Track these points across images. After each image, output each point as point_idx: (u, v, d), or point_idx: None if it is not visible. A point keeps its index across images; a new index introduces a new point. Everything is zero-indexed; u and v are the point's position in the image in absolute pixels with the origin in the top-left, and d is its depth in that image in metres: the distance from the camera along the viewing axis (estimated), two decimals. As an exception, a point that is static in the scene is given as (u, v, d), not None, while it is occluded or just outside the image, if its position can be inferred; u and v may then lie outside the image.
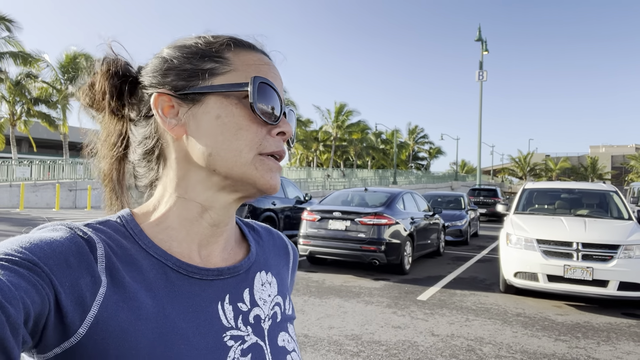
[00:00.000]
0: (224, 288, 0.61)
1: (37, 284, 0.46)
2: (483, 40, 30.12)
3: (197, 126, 0.58)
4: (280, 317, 0.68)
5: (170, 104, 0.60)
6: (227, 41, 0.62)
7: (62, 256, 0.50)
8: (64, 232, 0.53)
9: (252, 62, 0.61)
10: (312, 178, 34.97)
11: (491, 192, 23.64)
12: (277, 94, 0.60)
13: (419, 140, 69.51)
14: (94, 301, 0.50)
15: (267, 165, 0.59)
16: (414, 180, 46.49)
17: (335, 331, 4.68)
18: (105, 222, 0.58)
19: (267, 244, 0.74)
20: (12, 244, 0.49)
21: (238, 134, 0.57)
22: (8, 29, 25.56)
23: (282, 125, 0.60)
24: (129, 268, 0.55)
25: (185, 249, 0.60)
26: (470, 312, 5.63)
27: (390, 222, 7.57)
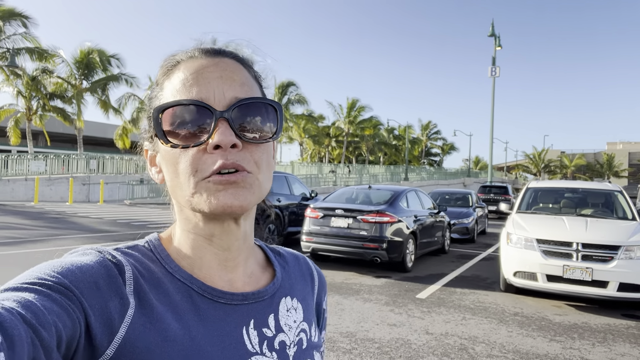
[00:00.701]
0: (249, 313, 0.61)
1: (69, 307, 0.47)
2: (496, 36, 29.76)
3: (162, 169, 0.61)
4: (306, 344, 0.67)
5: (151, 154, 0.63)
6: (162, 70, 0.62)
7: (92, 279, 0.51)
8: (93, 256, 0.54)
9: (177, 81, 0.58)
10: (322, 174, 35.02)
11: (502, 190, 23.46)
12: (201, 105, 0.55)
13: (431, 136, 69.04)
14: (122, 323, 0.51)
15: (212, 188, 0.55)
16: (426, 177, 46.26)
17: (330, 328, 4.76)
18: (134, 247, 0.60)
19: (292, 269, 0.74)
20: (45, 269, 0.50)
21: (177, 169, 0.57)
22: (24, 25, 26.01)
23: (216, 138, 0.54)
24: (156, 291, 0.56)
25: (207, 274, 0.61)
26: (467, 310, 5.66)
27: (393, 220, 7.60)
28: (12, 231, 10.33)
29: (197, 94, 0.56)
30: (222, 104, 0.56)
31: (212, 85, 0.57)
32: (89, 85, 28.16)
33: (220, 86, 0.57)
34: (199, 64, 0.59)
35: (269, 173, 0.60)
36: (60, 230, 10.86)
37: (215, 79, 0.57)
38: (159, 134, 0.55)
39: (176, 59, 0.61)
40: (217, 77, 0.57)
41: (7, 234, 9.92)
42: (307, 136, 50.15)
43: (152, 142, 0.62)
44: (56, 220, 12.74)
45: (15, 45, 25.58)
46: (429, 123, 67.72)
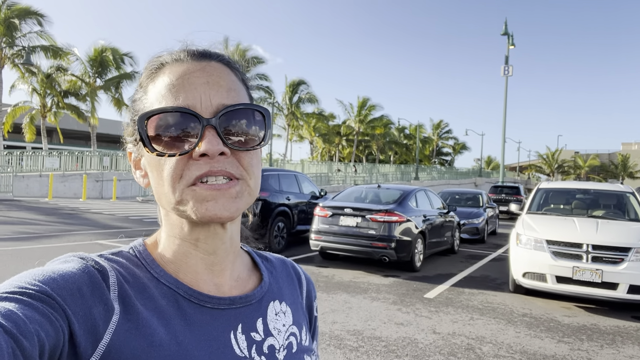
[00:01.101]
0: (237, 317, 0.61)
1: (51, 315, 0.46)
2: (509, 35, 29.50)
3: (148, 174, 0.60)
4: (296, 347, 0.66)
5: (135, 158, 0.62)
6: (146, 73, 0.60)
7: (75, 286, 0.50)
8: (76, 263, 0.53)
9: (162, 86, 0.57)
10: (332, 172, 35.04)
11: (514, 190, 23.29)
12: (187, 112, 0.54)
13: (443, 136, 68.68)
14: (107, 329, 0.50)
15: (198, 196, 0.54)
16: (437, 176, 46.05)
17: (337, 326, 4.79)
18: (118, 253, 0.59)
19: (280, 274, 0.73)
20: (26, 277, 0.49)
21: (161, 176, 0.56)
22: (40, 23, 26.38)
23: (203, 146, 0.53)
24: (141, 296, 0.55)
25: (193, 278, 0.60)
26: (475, 311, 5.65)
27: (401, 220, 7.61)
28: (27, 226, 10.52)
29: (184, 100, 0.54)
30: (209, 111, 0.55)
31: (198, 91, 0.55)
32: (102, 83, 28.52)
33: (206, 92, 0.55)
34: (184, 69, 0.57)
35: (259, 176, 0.59)
36: (73, 226, 11.03)
37: (202, 85, 0.56)
38: (145, 141, 0.54)
39: (161, 61, 0.60)
40: (204, 83, 0.56)
41: (22, 229, 10.11)
42: (317, 135, 50.19)
43: (137, 146, 0.61)
44: (70, 216, 12.93)
45: (31, 43, 25.98)
46: (441, 122, 67.36)
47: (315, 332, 0.77)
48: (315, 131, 49.46)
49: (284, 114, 45.58)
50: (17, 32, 25.81)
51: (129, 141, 0.63)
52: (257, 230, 4.10)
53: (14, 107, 29.04)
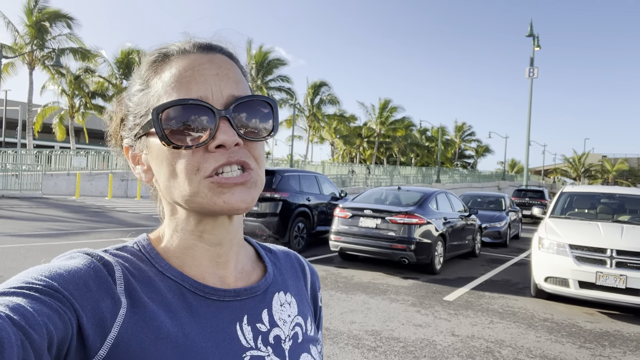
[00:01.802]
0: (242, 309, 0.61)
1: (59, 309, 0.47)
2: (535, 36, 29.02)
3: (154, 169, 0.59)
4: (301, 337, 0.67)
5: (135, 152, 0.61)
6: (148, 66, 0.59)
7: (82, 281, 0.51)
8: (81, 259, 0.54)
9: (171, 78, 0.56)
10: (353, 174, 35.00)
11: (537, 194, 22.88)
12: (201, 105, 0.54)
13: (465, 138, 67.92)
14: (115, 323, 0.51)
15: (216, 188, 0.54)
16: (459, 179, 45.55)
17: (356, 326, 4.83)
18: (122, 248, 0.60)
19: (284, 266, 0.74)
20: (33, 273, 0.50)
21: (174, 169, 0.55)
22: (69, 26, 27.16)
23: (218, 137, 0.54)
24: (147, 289, 0.56)
25: (198, 271, 0.60)
26: (495, 314, 5.61)
27: (421, 222, 7.60)
28: (56, 223, 10.86)
29: (196, 92, 0.55)
30: (220, 102, 0.55)
31: (209, 82, 0.55)
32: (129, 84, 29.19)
33: (217, 84, 0.56)
34: (193, 60, 0.57)
35: (264, 167, 0.61)
36: (99, 223, 11.33)
37: (212, 77, 0.56)
38: (159, 134, 0.53)
39: (164, 53, 0.59)
40: (214, 75, 0.56)
41: (51, 225, 10.44)
42: (338, 136, 50.20)
43: (136, 141, 0.60)
44: (96, 214, 13.28)
45: (60, 45, 26.79)
46: (463, 124, 66.63)
47: (320, 323, 0.78)
48: (336, 133, 49.50)
49: (305, 116, 45.76)
50: (47, 35, 26.63)
51: (127, 136, 0.61)
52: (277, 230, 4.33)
53: (44, 107, 29.97)
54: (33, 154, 21.08)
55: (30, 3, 26.15)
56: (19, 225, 10.08)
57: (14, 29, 26.08)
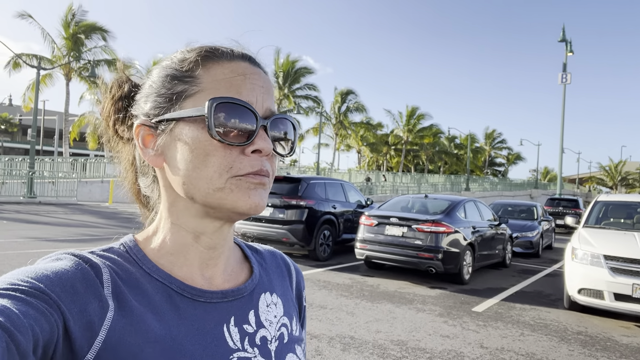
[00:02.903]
0: (229, 310, 0.61)
1: (45, 311, 0.46)
2: (567, 41, 28.33)
3: (172, 155, 0.58)
4: (287, 338, 0.67)
5: (149, 133, 0.59)
6: (196, 57, 0.59)
7: (69, 283, 0.50)
8: (68, 260, 0.53)
9: (222, 77, 0.57)
10: (379, 182, 34.81)
11: (572, 203, 22.19)
12: (249, 109, 0.56)
13: (496, 146, 66.68)
14: (102, 326, 0.50)
15: (243, 186, 0.56)
16: (489, 187, 44.66)
17: (381, 335, 4.77)
18: (109, 249, 0.59)
19: (270, 266, 0.74)
20: (18, 275, 0.49)
21: (206, 160, 0.55)
22: (104, 38, 28.13)
23: (257, 142, 0.56)
24: (134, 292, 0.55)
25: (187, 272, 0.61)
26: (526, 326, 5.44)
27: (449, 231, 7.47)
28: (89, 229, 11.19)
29: (246, 96, 0.57)
30: (261, 113, 0.58)
31: (255, 92, 0.58)
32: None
33: (261, 95, 0.59)
34: (244, 68, 0.59)
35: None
36: (131, 229, 11.53)
37: (259, 88, 0.59)
38: (210, 124, 0.54)
39: (214, 51, 0.60)
40: (260, 86, 0.59)
41: (84, 231, 10.76)
42: (364, 144, 50.08)
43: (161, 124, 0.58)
44: (128, 220, 13.62)
45: (95, 57, 27.73)
46: (494, 132, 65.47)
47: (304, 322, 0.78)
48: (362, 140, 49.41)
49: (332, 123, 45.88)
50: (83, 47, 27.64)
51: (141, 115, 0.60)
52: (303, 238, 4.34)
53: (80, 116, 31.03)
54: (69, 162, 21.83)
55: (67, 16, 27.24)
56: (55, 231, 10.42)
57: (52, 42, 27.19)
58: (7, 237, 9.00)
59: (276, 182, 9.18)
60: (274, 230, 8.71)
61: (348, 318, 5.29)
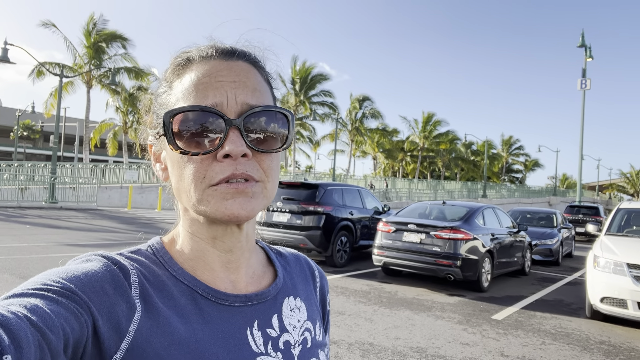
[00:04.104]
0: (252, 314, 0.61)
1: (75, 311, 0.47)
2: (587, 47, 27.96)
3: (170, 170, 0.60)
4: (310, 342, 0.67)
5: (156, 149, 0.63)
6: (176, 65, 0.60)
7: (98, 284, 0.51)
8: (98, 262, 0.54)
9: (189, 84, 0.57)
10: (396, 188, 34.66)
11: (592, 210, 21.78)
12: (213, 112, 0.54)
13: (513, 152, 65.94)
14: (130, 327, 0.51)
15: (219, 196, 0.55)
16: (506, 194, 44.15)
17: (400, 342, 4.75)
18: (137, 251, 0.60)
19: (294, 270, 0.74)
20: (50, 275, 0.50)
21: (183, 173, 0.56)
22: (124, 46, 28.69)
23: (227, 147, 0.54)
24: (161, 294, 0.56)
25: (210, 276, 0.61)
26: (548, 335, 5.37)
27: (468, 237, 7.41)
28: (109, 234, 11.37)
29: (211, 99, 0.55)
30: (234, 111, 0.55)
31: (224, 89, 0.56)
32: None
33: (232, 91, 0.56)
34: (212, 67, 0.57)
35: (277, 180, 0.60)
36: (150, 235, 11.66)
37: (229, 84, 0.56)
38: (169, 138, 0.54)
39: (188, 57, 0.60)
40: (230, 82, 0.56)
41: (104, 236, 10.95)
42: (380, 150, 49.97)
43: (158, 139, 0.61)
44: (146, 225, 13.80)
45: (116, 64, 28.30)
46: (511, 138, 64.79)
47: (328, 326, 0.78)
48: (378, 147, 49.33)
49: (348, 130, 45.91)
50: (104, 55, 28.22)
51: (151, 134, 0.63)
52: (320, 244, 4.38)
53: (101, 123, 31.63)
54: (89, 167, 22.24)
55: (89, 25, 27.87)
56: (76, 235, 10.62)
57: (74, 50, 27.82)
58: (30, 241, 9.21)
59: (294, 188, 9.23)
60: (291, 236, 8.75)
61: (367, 324, 5.29)
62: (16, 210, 15.88)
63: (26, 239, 9.49)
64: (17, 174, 19.64)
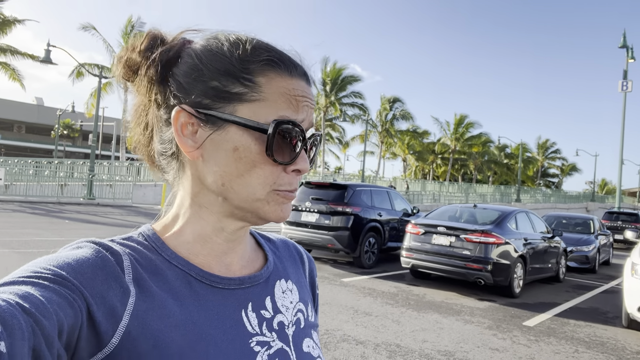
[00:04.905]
0: (246, 296, 0.63)
1: (69, 297, 0.47)
2: (628, 47, 26.93)
3: (214, 153, 0.58)
4: (303, 323, 0.69)
5: (190, 121, 0.58)
6: (262, 61, 0.58)
7: (90, 269, 0.51)
8: (89, 248, 0.54)
9: (283, 91, 0.58)
10: (426, 191, 34.26)
11: (632, 217, 20.96)
12: (302, 131, 0.58)
13: (549, 156, 64.19)
14: (125, 311, 0.51)
15: (279, 200, 0.59)
16: (541, 199, 42.97)
17: (428, 345, 4.71)
18: (128, 238, 0.60)
19: (283, 254, 0.76)
20: (41, 263, 0.50)
21: (252, 171, 0.57)
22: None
23: (299, 163, 0.59)
24: (155, 278, 0.56)
25: (205, 259, 0.62)
26: (581, 343, 5.21)
27: (499, 242, 7.27)
28: (143, 230, 11.68)
29: (301, 116, 0.58)
30: (306, 129, 0.60)
31: (305, 111, 0.59)
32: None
33: (308, 114, 0.60)
34: (303, 87, 0.60)
35: None
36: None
37: (310, 107, 0.60)
38: (269, 145, 0.56)
39: (279, 61, 0.59)
40: (309, 106, 0.60)
41: (138, 232, 11.24)
42: (410, 152, 49.51)
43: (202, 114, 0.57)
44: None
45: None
46: (547, 141, 63.10)
47: (317, 308, 0.80)
48: (408, 148, 48.88)
49: (378, 131, 45.70)
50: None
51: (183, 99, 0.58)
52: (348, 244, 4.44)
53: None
54: (125, 166, 22.91)
55: (127, 28, 28.74)
56: (113, 231, 10.97)
57: (112, 52, 28.73)
58: (69, 235, 9.57)
59: (322, 188, 9.27)
60: (319, 236, 8.78)
61: (394, 326, 5.26)
62: (56, 205, 16.53)
63: (65, 233, 9.88)
64: (57, 171, 20.44)
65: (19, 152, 47.25)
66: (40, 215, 13.04)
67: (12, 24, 24.72)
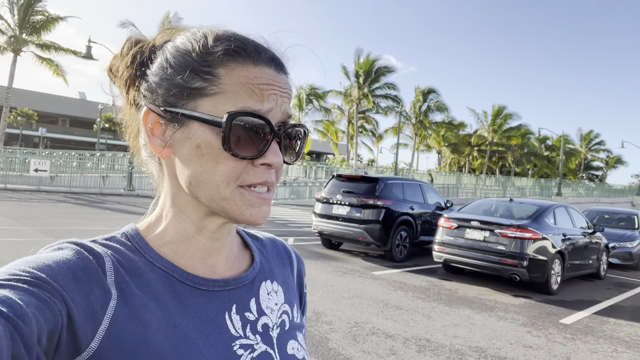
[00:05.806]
0: (230, 298, 0.62)
1: (48, 300, 0.46)
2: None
3: (180, 151, 0.56)
4: (288, 325, 0.68)
5: (159, 120, 0.57)
6: (221, 52, 0.55)
7: (71, 272, 0.50)
8: (70, 250, 0.53)
9: (245, 81, 0.55)
10: (461, 184, 33.61)
11: (681, 212, 19.92)
12: (267, 122, 0.54)
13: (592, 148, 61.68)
14: (105, 314, 0.50)
15: (247, 201, 0.56)
16: (584, 193, 41.39)
17: (459, 340, 4.65)
18: (110, 238, 0.59)
19: (271, 254, 0.74)
20: (19, 265, 0.49)
21: (215, 168, 0.55)
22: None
23: (268, 156, 0.55)
24: (137, 280, 0.55)
25: (189, 261, 0.60)
26: (621, 343, 5.02)
27: (536, 237, 7.07)
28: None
29: (266, 106, 0.55)
30: (277, 119, 0.56)
31: (276, 101, 0.56)
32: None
33: (281, 99, 0.57)
34: (269, 75, 0.56)
35: None
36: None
37: (280, 94, 0.56)
38: (226, 139, 0.53)
39: (241, 51, 0.56)
40: (281, 94, 0.57)
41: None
42: (445, 144, 48.62)
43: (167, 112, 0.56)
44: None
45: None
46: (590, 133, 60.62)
47: (305, 308, 0.78)
48: (443, 140, 48.02)
49: (412, 123, 45.10)
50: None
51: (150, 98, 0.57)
52: (379, 238, 4.43)
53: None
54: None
55: (164, 23, 29.32)
56: (150, 221, 11.31)
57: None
58: (110, 225, 9.95)
59: (354, 181, 9.26)
60: (350, 229, 8.78)
61: (424, 320, 5.22)
62: (98, 196, 17.19)
63: (106, 223, 10.28)
64: (99, 163, 21.20)
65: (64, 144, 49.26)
66: (83, 206, 13.60)
67: (56, 21, 25.67)
